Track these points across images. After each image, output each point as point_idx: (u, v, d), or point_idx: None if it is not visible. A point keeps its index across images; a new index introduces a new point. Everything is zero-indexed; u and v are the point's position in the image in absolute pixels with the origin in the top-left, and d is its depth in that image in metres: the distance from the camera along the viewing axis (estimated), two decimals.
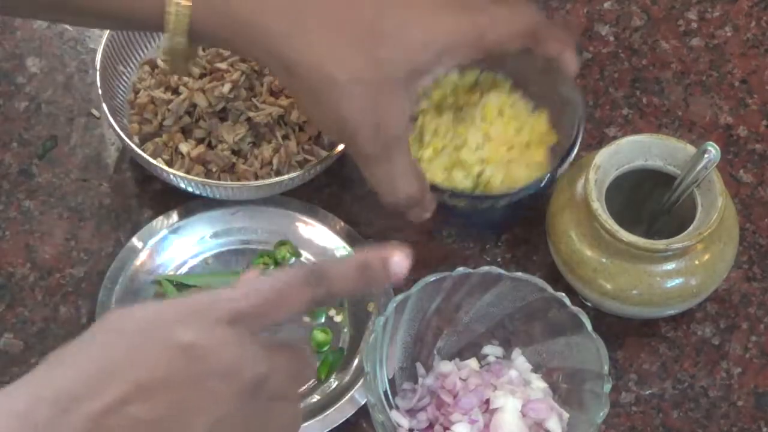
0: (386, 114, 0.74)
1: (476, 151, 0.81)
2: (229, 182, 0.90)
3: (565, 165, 0.80)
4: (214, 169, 0.92)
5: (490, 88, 0.82)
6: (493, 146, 0.80)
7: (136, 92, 0.96)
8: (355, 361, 0.88)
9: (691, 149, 0.86)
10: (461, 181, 0.84)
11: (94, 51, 0.96)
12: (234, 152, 0.92)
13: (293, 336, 0.87)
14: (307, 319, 0.91)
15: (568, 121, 0.84)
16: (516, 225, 0.94)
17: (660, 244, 0.83)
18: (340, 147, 0.90)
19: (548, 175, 0.80)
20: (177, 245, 0.92)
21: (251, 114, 0.92)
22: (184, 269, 0.92)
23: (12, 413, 0.52)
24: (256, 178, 0.91)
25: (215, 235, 0.93)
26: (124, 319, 0.56)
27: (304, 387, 0.63)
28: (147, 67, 0.97)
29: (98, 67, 0.93)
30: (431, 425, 0.82)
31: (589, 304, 0.90)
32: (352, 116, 0.74)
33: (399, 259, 0.59)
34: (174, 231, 0.92)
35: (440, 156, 0.82)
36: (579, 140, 0.83)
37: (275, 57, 0.75)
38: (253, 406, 0.56)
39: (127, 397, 0.53)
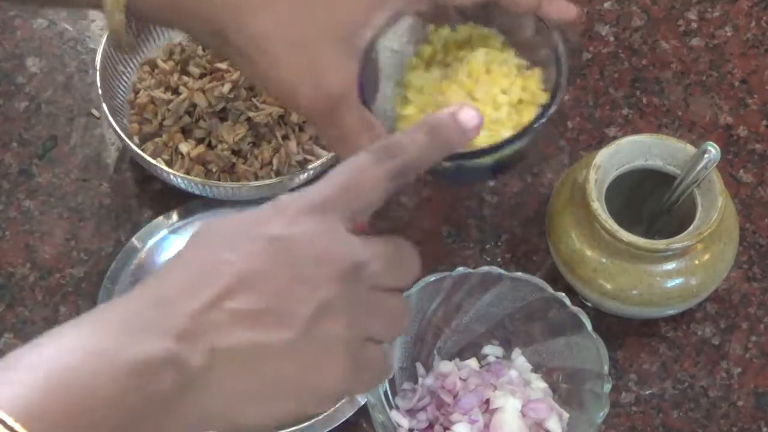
0: (326, 71, 0.71)
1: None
2: (229, 182, 0.91)
3: (544, 118, 0.74)
4: (214, 169, 0.92)
5: (481, 43, 0.77)
6: (479, 106, 0.75)
7: (136, 92, 0.96)
8: None
9: (691, 149, 0.86)
10: None
11: (94, 51, 0.96)
12: (234, 152, 0.92)
13: None
14: None
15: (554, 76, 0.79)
16: (512, 170, 0.89)
17: (660, 244, 0.83)
18: None
19: (530, 128, 0.74)
20: (177, 245, 0.92)
21: (251, 114, 0.92)
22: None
23: (114, 321, 0.52)
24: (256, 178, 0.91)
25: None
26: (212, 227, 0.56)
27: (410, 281, 0.60)
28: (147, 67, 0.97)
29: (98, 67, 0.93)
30: (431, 425, 0.82)
31: (589, 304, 0.90)
32: (289, 77, 0.71)
33: (468, 112, 0.59)
34: (174, 231, 0.92)
35: (423, 114, 0.76)
36: (560, 93, 0.77)
37: (205, 24, 0.72)
38: (355, 291, 0.56)
39: (224, 293, 0.53)
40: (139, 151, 0.90)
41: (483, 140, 0.72)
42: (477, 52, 0.75)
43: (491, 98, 0.74)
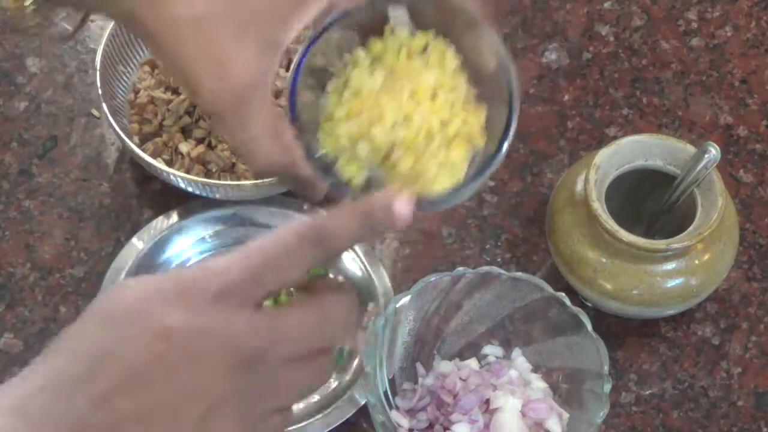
0: (232, 61, 0.63)
1: (391, 129, 0.68)
2: (229, 182, 0.90)
3: (486, 173, 0.65)
4: (214, 169, 0.92)
5: (436, 60, 0.68)
6: (412, 130, 0.67)
7: (136, 92, 0.96)
8: (355, 361, 0.88)
9: (691, 149, 0.86)
10: (366, 156, 0.68)
11: (94, 51, 0.96)
12: (234, 152, 0.92)
13: None
14: None
15: (497, 121, 0.67)
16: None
17: (660, 244, 0.83)
18: None
19: (467, 184, 0.65)
20: (177, 245, 0.92)
21: None
22: (188, 264, 0.92)
23: (7, 408, 0.51)
24: (256, 177, 0.91)
25: (215, 235, 0.93)
26: (114, 302, 0.54)
27: (341, 337, 0.58)
28: (147, 67, 0.97)
29: (98, 67, 0.93)
30: (431, 425, 0.82)
31: (589, 304, 0.90)
32: (192, 64, 0.63)
33: (402, 205, 0.56)
34: (174, 231, 0.92)
35: (353, 120, 0.68)
36: (507, 140, 0.66)
37: (115, 2, 0.65)
38: (254, 382, 0.54)
39: (115, 390, 0.51)
40: (139, 151, 0.90)
41: (405, 166, 0.66)
42: (428, 74, 0.67)
43: (427, 127, 0.67)
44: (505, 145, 0.65)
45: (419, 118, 0.67)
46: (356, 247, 0.92)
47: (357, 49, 0.65)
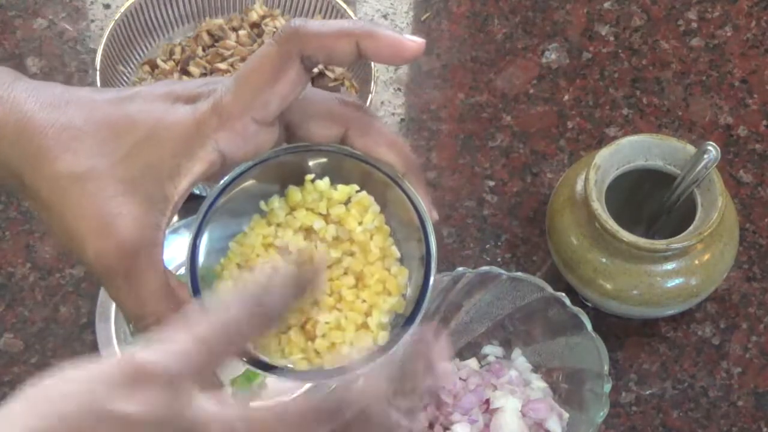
0: (117, 219, 0.59)
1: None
2: None
3: (393, 347, 0.59)
4: None
5: (358, 215, 0.61)
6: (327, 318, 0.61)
7: None
8: None
9: (691, 149, 0.86)
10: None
11: (94, 51, 0.96)
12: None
13: None
14: None
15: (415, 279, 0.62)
16: None
17: (660, 244, 0.83)
18: None
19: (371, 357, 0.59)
20: (177, 245, 0.92)
21: None
22: (184, 269, 0.92)
23: None
24: None
25: None
26: (51, 387, 0.48)
27: None
28: (147, 67, 0.97)
29: (98, 67, 0.93)
30: (431, 425, 0.82)
31: (589, 304, 0.90)
32: (76, 223, 0.59)
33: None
34: (174, 231, 0.92)
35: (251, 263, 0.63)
36: (415, 323, 0.60)
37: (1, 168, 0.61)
38: None
39: None
40: None
41: (327, 320, 0.60)
42: (354, 262, 0.61)
43: (348, 321, 0.61)
44: (421, 311, 0.60)
45: (340, 314, 0.61)
46: None
47: (274, 198, 0.61)
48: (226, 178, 0.60)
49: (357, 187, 0.61)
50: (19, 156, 0.59)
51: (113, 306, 0.88)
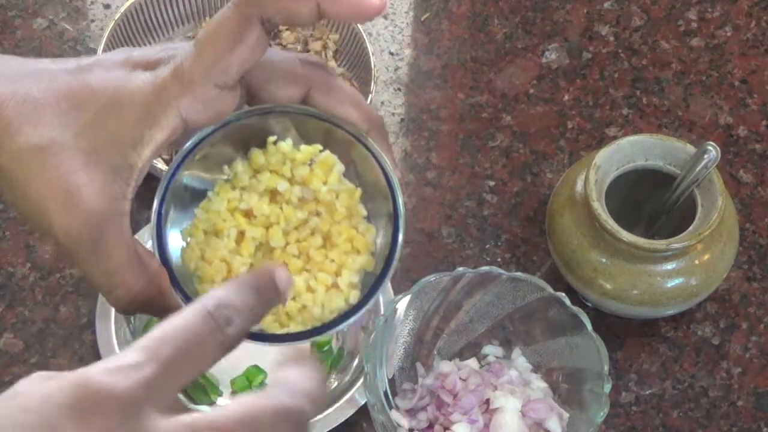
0: (81, 190, 0.57)
1: (286, 235, 0.61)
2: None
3: (365, 307, 0.60)
4: None
5: (322, 174, 0.60)
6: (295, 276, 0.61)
7: None
8: (355, 361, 0.88)
9: (691, 149, 0.86)
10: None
11: (94, 51, 0.96)
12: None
13: None
14: None
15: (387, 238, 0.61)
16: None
17: (660, 244, 0.83)
18: None
19: (347, 314, 0.60)
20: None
21: None
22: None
23: None
24: None
25: None
26: (3, 417, 0.46)
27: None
28: None
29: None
30: (431, 425, 0.82)
31: (589, 304, 0.90)
32: (39, 197, 0.58)
33: (282, 275, 0.52)
34: None
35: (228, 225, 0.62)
36: (386, 279, 0.60)
37: None
38: None
39: None
40: None
41: (296, 283, 0.59)
42: (321, 222, 0.60)
43: (318, 282, 0.60)
44: (391, 269, 0.60)
45: (307, 275, 0.61)
46: None
47: (237, 162, 0.61)
48: (188, 143, 0.59)
49: (320, 147, 0.60)
50: None
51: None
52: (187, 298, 0.59)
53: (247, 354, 0.89)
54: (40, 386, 0.47)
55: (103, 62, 0.60)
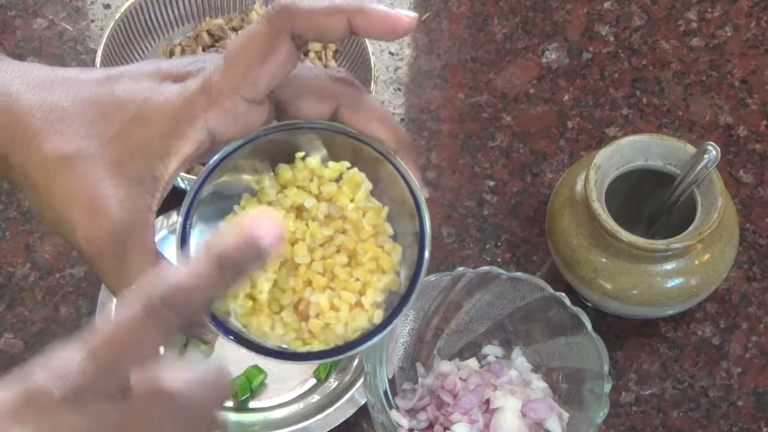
0: (105, 199, 0.58)
1: (312, 252, 0.60)
2: None
3: (391, 325, 0.58)
4: None
5: (349, 192, 0.60)
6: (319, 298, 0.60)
7: None
8: (355, 361, 0.88)
9: (691, 149, 0.86)
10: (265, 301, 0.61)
11: (94, 51, 0.96)
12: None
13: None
14: None
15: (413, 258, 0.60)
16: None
17: (660, 244, 0.83)
18: None
19: (368, 336, 0.58)
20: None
21: None
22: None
23: None
24: None
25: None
26: None
27: (219, 406, 0.51)
28: None
29: (98, 67, 0.93)
30: (431, 425, 0.82)
31: (589, 304, 0.90)
32: (64, 205, 0.58)
33: (263, 224, 0.48)
34: (174, 231, 0.92)
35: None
36: (412, 297, 0.59)
37: None
38: None
39: None
40: None
41: (319, 302, 0.58)
42: (346, 239, 0.59)
43: (342, 301, 0.59)
44: (416, 289, 0.59)
45: (338, 285, 0.60)
46: None
47: (264, 177, 0.60)
48: (215, 157, 0.59)
49: (348, 164, 0.60)
50: (5, 137, 0.58)
51: (113, 306, 0.88)
52: (208, 311, 0.58)
53: (247, 354, 0.89)
54: None
55: (131, 73, 0.60)
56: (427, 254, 0.59)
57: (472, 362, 0.85)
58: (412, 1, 1.08)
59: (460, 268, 0.83)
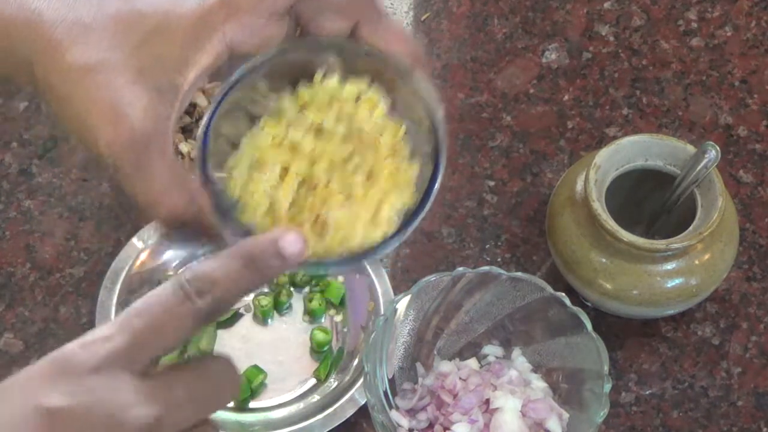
0: (127, 107, 0.59)
1: (330, 171, 0.62)
2: None
3: (403, 236, 0.60)
4: None
5: (367, 111, 0.62)
6: (340, 196, 0.61)
7: None
8: (355, 361, 0.88)
9: (691, 149, 0.86)
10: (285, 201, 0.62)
11: None
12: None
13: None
14: (306, 318, 0.91)
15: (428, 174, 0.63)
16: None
17: (660, 244, 0.83)
18: None
19: (387, 241, 0.60)
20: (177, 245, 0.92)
21: None
22: (184, 269, 0.92)
23: None
24: None
25: None
26: None
27: (228, 403, 0.55)
28: None
29: None
30: (431, 425, 0.82)
31: (589, 304, 0.90)
32: (88, 114, 0.60)
33: (290, 238, 0.52)
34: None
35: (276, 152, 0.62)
36: (423, 211, 0.61)
37: (9, 56, 0.62)
38: None
39: None
40: None
41: (338, 217, 0.60)
42: (364, 158, 0.61)
43: (359, 217, 0.61)
44: (429, 202, 0.60)
45: (359, 196, 0.61)
46: None
47: (283, 97, 0.61)
48: (234, 75, 0.60)
49: (366, 84, 0.61)
50: (30, 51, 0.60)
51: (113, 306, 0.89)
52: (226, 220, 0.59)
53: (247, 354, 0.89)
54: (23, 370, 0.51)
55: None
56: (441, 170, 0.60)
57: (472, 362, 0.85)
58: (412, 1, 1.08)
59: (460, 268, 0.83)
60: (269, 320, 0.91)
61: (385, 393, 0.83)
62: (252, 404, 0.87)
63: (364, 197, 0.60)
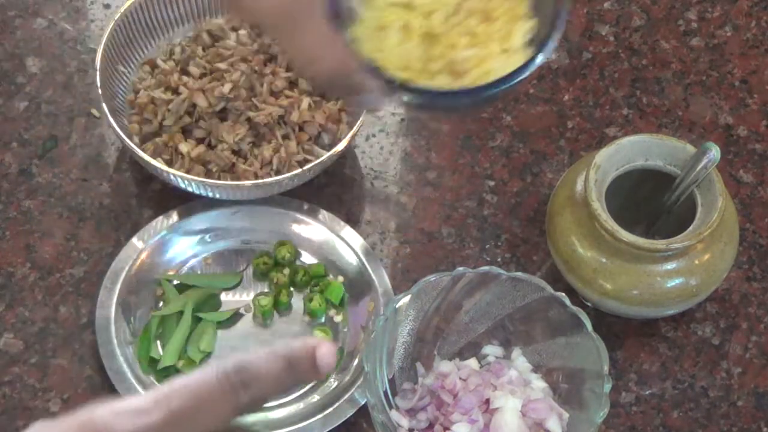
0: None
1: (447, 21, 0.64)
2: (229, 182, 0.90)
3: (547, 51, 0.63)
4: (214, 169, 0.92)
5: None
6: (469, 19, 0.64)
7: (136, 92, 0.96)
8: (355, 361, 0.88)
9: (691, 149, 0.86)
10: (419, 59, 0.65)
11: (94, 51, 0.96)
12: (234, 152, 0.92)
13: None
14: (306, 318, 0.91)
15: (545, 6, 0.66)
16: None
17: (660, 244, 0.83)
18: (340, 147, 0.90)
19: (529, 64, 0.62)
20: (177, 245, 0.92)
21: (251, 114, 0.92)
22: (184, 269, 0.92)
23: None
24: (256, 177, 0.91)
25: (215, 235, 0.93)
26: None
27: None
28: (147, 67, 0.97)
29: (98, 67, 0.93)
30: (431, 425, 0.82)
31: (589, 304, 0.90)
32: None
33: (326, 350, 0.53)
34: (174, 231, 0.92)
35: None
36: (561, 22, 0.64)
37: None
38: None
39: None
40: (139, 151, 0.90)
41: (471, 63, 0.63)
42: (477, 2, 0.64)
43: (490, 51, 0.63)
44: (559, 29, 0.64)
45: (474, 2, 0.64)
46: (356, 247, 0.92)
47: None
48: None
49: None
50: None
51: (113, 306, 0.89)
52: (374, 73, 0.62)
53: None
54: (46, 427, 0.48)
55: None
56: None
57: (472, 362, 0.85)
58: None
59: (460, 268, 0.83)
60: (269, 320, 0.91)
61: (385, 393, 0.83)
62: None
63: (488, 34, 0.63)
